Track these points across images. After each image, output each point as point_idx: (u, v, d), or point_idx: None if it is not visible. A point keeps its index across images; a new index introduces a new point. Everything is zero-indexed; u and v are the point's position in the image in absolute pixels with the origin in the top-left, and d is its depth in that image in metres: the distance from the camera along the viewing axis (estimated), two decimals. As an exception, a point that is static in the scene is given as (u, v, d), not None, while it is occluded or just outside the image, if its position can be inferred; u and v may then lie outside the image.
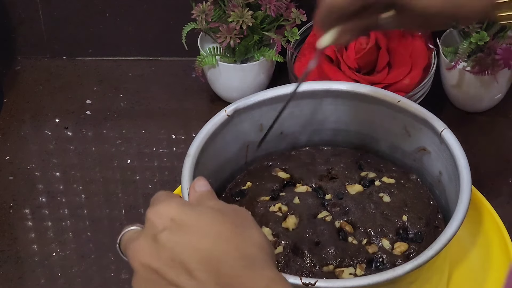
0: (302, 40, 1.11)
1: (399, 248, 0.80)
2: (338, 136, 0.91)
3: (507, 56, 1.02)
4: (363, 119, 0.89)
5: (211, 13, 1.06)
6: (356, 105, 0.88)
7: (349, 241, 0.80)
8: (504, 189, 1.00)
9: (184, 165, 0.81)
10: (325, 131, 0.91)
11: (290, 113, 0.88)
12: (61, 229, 0.99)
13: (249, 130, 0.88)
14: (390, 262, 0.78)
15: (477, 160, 0.82)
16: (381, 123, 0.88)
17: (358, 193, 0.84)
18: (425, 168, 0.87)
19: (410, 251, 0.80)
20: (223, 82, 1.11)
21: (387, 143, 0.90)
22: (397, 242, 0.80)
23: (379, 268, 0.78)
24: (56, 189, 1.04)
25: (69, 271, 0.95)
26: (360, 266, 0.78)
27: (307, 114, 0.90)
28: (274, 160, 0.90)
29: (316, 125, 0.91)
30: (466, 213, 0.76)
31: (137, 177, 1.05)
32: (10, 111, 1.14)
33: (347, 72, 1.06)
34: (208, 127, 0.85)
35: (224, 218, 0.60)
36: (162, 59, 1.21)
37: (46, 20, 1.19)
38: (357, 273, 0.78)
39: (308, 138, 0.92)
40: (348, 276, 0.77)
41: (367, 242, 0.80)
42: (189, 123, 1.12)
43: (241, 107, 0.86)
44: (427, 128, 0.84)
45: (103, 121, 1.13)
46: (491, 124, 1.09)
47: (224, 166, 0.88)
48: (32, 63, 1.22)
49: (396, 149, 0.89)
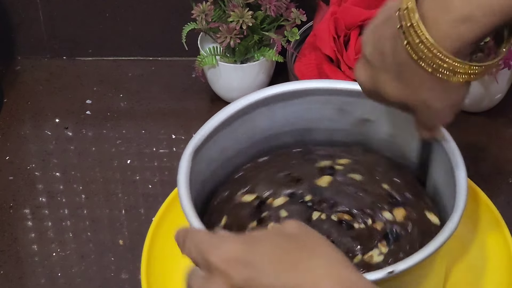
0: (302, 40, 1.12)
1: (400, 214, 0.80)
2: (272, 142, 0.89)
3: (507, 57, 1.02)
4: (296, 116, 0.88)
5: (211, 13, 1.06)
6: (285, 105, 0.88)
7: (356, 227, 0.80)
8: (504, 189, 1.00)
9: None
10: (257, 143, 0.89)
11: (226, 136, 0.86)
12: (61, 229, 0.99)
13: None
14: (402, 230, 0.79)
15: (477, 160, 0.82)
16: (313, 113, 0.88)
17: (330, 183, 0.84)
18: (372, 137, 0.88)
19: (409, 213, 0.80)
20: (223, 82, 1.11)
21: (324, 130, 0.89)
22: (394, 210, 0.81)
23: (398, 239, 0.78)
24: (56, 189, 1.04)
25: (69, 271, 0.95)
26: (381, 244, 0.78)
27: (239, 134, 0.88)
28: (227, 186, 0.87)
29: (247, 142, 0.88)
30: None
31: (137, 177, 1.05)
32: (10, 111, 1.14)
33: (347, 72, 1.06)
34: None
35: (290, 242, 0.56)
36: (162, 59, 1.21)
37: (46, 20, 1.19)
38: (383, 251, 0.78)
39: (245, 157, 0.89)
40: (378, 257, 0.77)
41: (372, 221, 0.80)
42: (189, 123, 1.12)
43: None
44: (363, 98, 0.81)
45: (103, 121, 1.13)
46: (491, 124, 1.09)
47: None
48: (32, 63, 1.22)
49: (335, 132, 0.89)
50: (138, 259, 0.94)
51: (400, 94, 0.69)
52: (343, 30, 1.07)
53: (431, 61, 0.65)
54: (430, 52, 0.64)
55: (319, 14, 1.12)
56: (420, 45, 0.64)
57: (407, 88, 0.68)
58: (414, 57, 0.65)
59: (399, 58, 0.67)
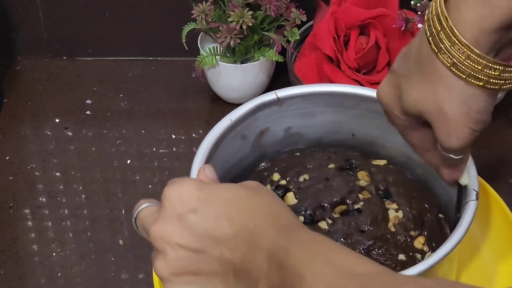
0: (302, 40, 1.12)
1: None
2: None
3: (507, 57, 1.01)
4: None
5: (211, 13, 1.06)
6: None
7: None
8: (504, 189, 1.00)
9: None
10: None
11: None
12: (61, 229, 0.99)
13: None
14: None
15: (476, 160, 0.82)
16: None
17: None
18: None
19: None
20: (223, 82, 1.11)
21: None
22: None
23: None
24: (56, 189, 1.04)
25: (69, 271, 0.95)
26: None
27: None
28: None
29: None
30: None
31: (137, 177, 1.05)
32: (10, 111, 1.14)
33: (347, 72, 1.06)
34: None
35: (248, 190, 0.62)
36: (162, 59, 1.21)
37: (46, 20, 1.19)
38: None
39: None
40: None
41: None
42: (189, 123, 1.12)
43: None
44: None
45: (103, 121, 1.13)
46: (491, 124, 1.09)
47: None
48: (32, 63, 1.22)
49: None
50: (138, 259, 0.94)
51: (419, 98, 0.68)
52: (343, 30, 1.07)
53: (450, 53, 0.64)
54: (449, 40, 0.64)
55: (319, 14, 1.12)
56: (441, 34, 0.64)
57: (426, 90, 0.67)
58: (434, 49, 0.65)
59: (421, 53, 0.67)
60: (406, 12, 1.06)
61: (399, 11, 1.06)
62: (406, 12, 1.06)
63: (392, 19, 1.06)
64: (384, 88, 0.72)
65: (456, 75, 0.65)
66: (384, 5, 1.08)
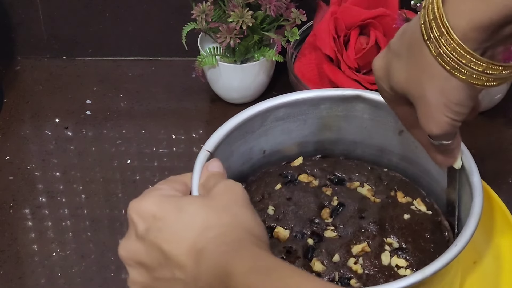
0: (302, 40, 1.12)
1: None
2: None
3: (507, 57, 1.02)
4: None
5: (211, 13, 1.06)
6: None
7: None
8: (504, 189, 1.00)
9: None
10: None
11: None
12: (61, 229, 0.99)
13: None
14: None
15: (476, 160, 0.82)
16: None
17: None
18: None
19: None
20: (223, 82, 1.11)
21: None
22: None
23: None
24: (56, 189, 1.04)
25: (69, 271, 0.95)
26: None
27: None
28: None
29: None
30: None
31: (137, 177, 1.05)
32: (10, 111, 1.14)
33: (347, 72, 1.06)
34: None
35: (210, 207, 0.63)
36: (162, 59, 1.21)
37: (46, 20, 1.19)
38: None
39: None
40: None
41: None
42: (189, 123, 1.12)
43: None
44: None
45: (103, 121, 1.13)
46: (491, 124, 1.10)
47: None
48: (32, 63, 1.22)
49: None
50: (138, 259, 0.94)
51: (405, 80, 0.69)
52: (343, 30, 1.07)
53: (438, 43, 0.65)
54: (438, 30, 0.64)
55: (319, 14, 1.12)
56: (432, 22, 0.65)
57: (412, 73, 0.68)
58: (424, 36, 0.65)
59: (414, 38, 0.67)
60: (406, 12, 1.06)
61: (399, 11, 1.06)
62: (406, 12, 1.06)
63: (392, 19, 1.06)
64: (378, 61, 0.72)
65: (441, 65, 0.66)
66: (384, 5, 1.08)
